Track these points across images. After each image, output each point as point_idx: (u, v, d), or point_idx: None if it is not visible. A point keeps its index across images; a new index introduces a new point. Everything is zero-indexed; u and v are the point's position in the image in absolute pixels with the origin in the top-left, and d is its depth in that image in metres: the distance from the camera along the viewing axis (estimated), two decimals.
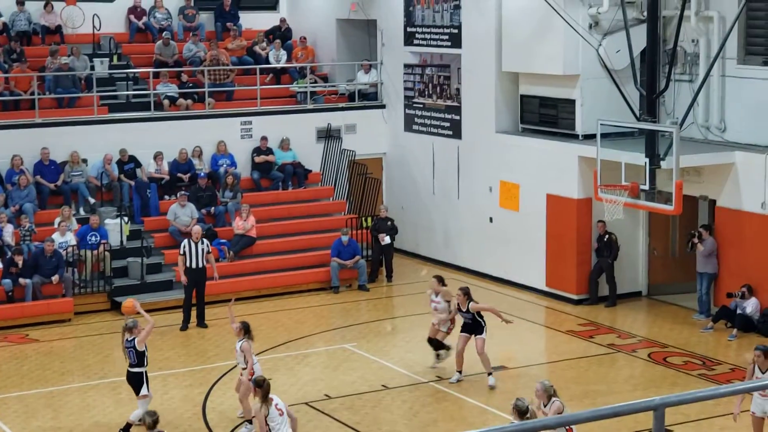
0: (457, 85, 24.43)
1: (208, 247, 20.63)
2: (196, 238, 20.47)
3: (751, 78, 20.27)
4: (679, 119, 20.19)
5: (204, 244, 20.53)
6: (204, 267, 20.48)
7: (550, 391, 12.46)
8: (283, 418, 12.81)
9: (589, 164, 20.76)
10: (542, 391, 12.44)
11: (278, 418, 12.80)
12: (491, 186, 23.59)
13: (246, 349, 15.14)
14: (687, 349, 18.89)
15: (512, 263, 23.09)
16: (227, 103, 25.93)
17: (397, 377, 17.69)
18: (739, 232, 19.97)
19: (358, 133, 26.07)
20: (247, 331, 15.21)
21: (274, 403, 12.83)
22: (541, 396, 12.38)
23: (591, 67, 21.43)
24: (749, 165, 19.70)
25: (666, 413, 5.24)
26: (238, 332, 15.29)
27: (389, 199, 26.16)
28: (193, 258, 20.35)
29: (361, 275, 23.25)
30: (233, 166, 24.59)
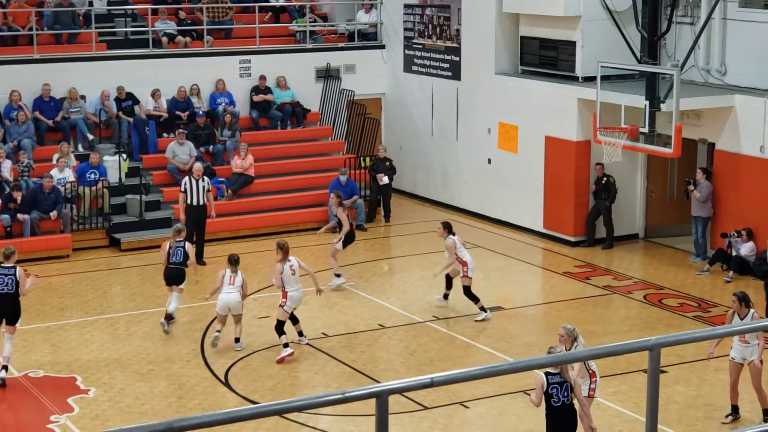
0: (457, 25, 24.29)
1: (208, 185, 20.73)
2: (197, 175, 20.50)
3: (752, 21, 20.17)
4: (679, 62, 20.11)
5: (204, 182, 20.59)
6: (205, 204, 20.55)
7: (574, 334, 12.22)
8: (295, 277, 15.87)
9: (588, 107, 20.72)
10: (566, 335, 12.19)
11: (290, 276, 15.87)
12: (490, 127, 23.56)
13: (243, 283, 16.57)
14: (683, 291, 18.99)
15: (510, 205, 23.13)
16: (226, 41, 25.79)
17: (394, 317, 17.80)
18: (737, 175, 19.99)
19: (357, 73, 25.97)
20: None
21: (290, 263, 15.88)
22: (566, 340, 12.17)
23: (592, 8, 21.31)
24: (749, 108, 19.67)
25: (661, 354, 5.28)
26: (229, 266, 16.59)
27: (388, 140, 26.12)
28: (194, 195, 20.39)
29: (359, 215, 23.29)
30: (232, 105, 24.52)
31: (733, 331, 5.13)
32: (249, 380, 15.24)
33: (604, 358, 13.62)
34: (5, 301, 14.86)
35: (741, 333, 13.11)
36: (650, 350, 5.15)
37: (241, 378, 15.32)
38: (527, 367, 5.35)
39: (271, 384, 15.09)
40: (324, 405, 4.75)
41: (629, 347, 5.34)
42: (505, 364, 5.70)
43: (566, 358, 5.16)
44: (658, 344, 5.18)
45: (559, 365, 11.33)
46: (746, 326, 10.16)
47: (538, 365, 5.06)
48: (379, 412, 4.68)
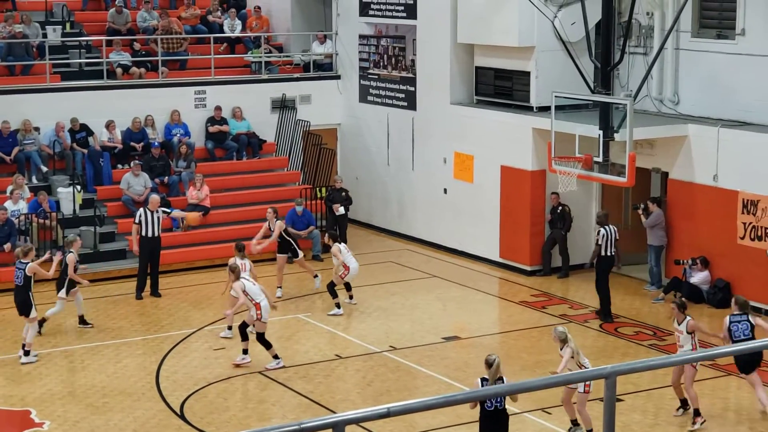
0: (412, 56, 24.40)
1: (166, 211, 20.98)
2: (154, 207, 20.40)
3: (705, 51, 20.43)
4: (633, 92, 20.31)
5: (159, 213, 20.54)
6: (159, 236, 20.43)
7: (562, 336, 13.74)
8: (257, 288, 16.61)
9: (543, 136, 20.86)
10: (555, 338, 13.82)
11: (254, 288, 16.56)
12: (446, 157, 23.64)
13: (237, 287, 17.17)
14: (638, 320, 19.08)
15: (466, 234, 23.19)
16: (181, 72, 25.74)
17: (351, 347, 17.75)
18: (691, 204, 20.18)
19: (312, 104, 25.99)
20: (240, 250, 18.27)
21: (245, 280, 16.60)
22: (556, 341, 13.82)
23: (546, 39, 21.49)
24: (702, 138, 19.89)
25: (617, 382, 5.29)
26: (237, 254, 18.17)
27: (344, 170, 26.13)
28: (149, 227, 20.28)
29: (315, 245, 23.24)
30: (187, 136, 24.44)
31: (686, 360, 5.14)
32: (204, 412, 15.11)
33: (561, 386, 13.65)
34: (16, 293, 17.25)
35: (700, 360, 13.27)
36: (606, 378, 5.16)
37: (196, 411, 15.18)
38: (483, 396, 5.34)
39: (227, 416, 14.97)
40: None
41: (585, 375, 5.35)
42: (461, 393, 5.70)
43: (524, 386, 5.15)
44: (614, 372, 5.20)
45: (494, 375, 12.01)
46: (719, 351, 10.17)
47: (493, 394, 5.03)
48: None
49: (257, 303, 16.41)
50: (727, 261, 19.56)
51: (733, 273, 19.53)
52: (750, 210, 19.15)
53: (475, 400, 13.25)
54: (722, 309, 19.35)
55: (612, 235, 18.89)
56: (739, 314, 14.57)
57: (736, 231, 19.37)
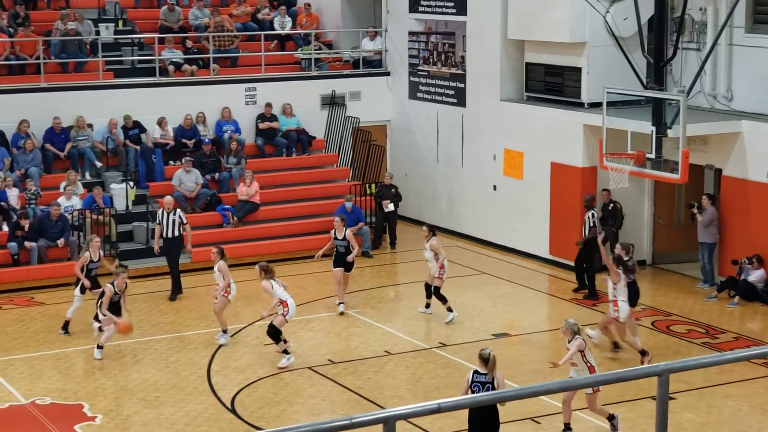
0: (462, 52, 24.35)
1: (182, 218, 20.36)
2: (169, 208, 20.25)
3: (759, 47, 20.19)
4: (686, 88, 20.13)
5: (176, 215, 20.26)
6: (177, 236, 20.27)
7: (574, 328, 13.64)
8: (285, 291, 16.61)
9: (594, 133, 20.73)
10: (566, 329, 13.68)
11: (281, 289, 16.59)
12: (495, 154, 23.57)
13: (223, 268, 17.51)
14: (691, 318, 18.93)
15: (516, 231, 23.11)
16: (232, 69, 25.88)
17: (400, 343, 17.76)
18: (744, 201, 19.96)
19: (362, 101, 26.03)
20: (222, 254, 17.83)
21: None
22: (565, 332, 13.70)
23: (598, 34, 21.35)
24: (756, 134, 19.67)
25: (669, 380, 5.25)
26: (215, 256, 17.66)
27: (393, 166, 26.14)
28: (166, 228, 20.23)
29: (364, 242, 23.28)
30: (237, 132, 24.58)
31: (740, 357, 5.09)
32: (255, 407, 15.19)
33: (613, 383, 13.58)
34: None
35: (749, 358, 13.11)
36: (659, 376, 5.12)
37: (247, 405, 15.27)
38: (534, 393, 5.32)
39: (277, 411, 15.04)
40: (331, 431, 4.73)
41: (638, 373, 5.32)
42: (511, 390, 5.69)
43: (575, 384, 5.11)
44: (667, 370, 5.16)
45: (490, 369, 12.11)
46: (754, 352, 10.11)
47: (545, 391, 5.04)
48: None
49: (284, 301, 16.48)
50: None
51: None
52: None
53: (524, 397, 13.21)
54: None
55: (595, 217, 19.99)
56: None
57: None
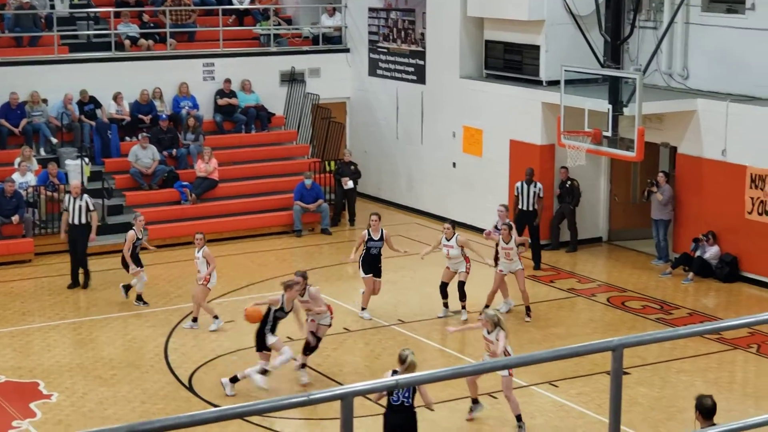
0: (422, 29, 24.33)
1: (89, 205, 19.45)
2: (75, 193, 19.33)
3: (714, 25, 20.33)
4: (642, 66, 20.24)
5: (83, 200, 19.35)
6: (84, 224, 19.33)
7: (494, 319, 13.39)
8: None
9: (552, 110, 20.81)
10: (486, 320, 13.44)
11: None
12: (455, 131, 23.61)
13: (208, 255, 17.07)
14: (646, 294, 19.11)
15: (475, 208, 23.17)
16: (189, 44, 25.69)
17: (359, 320, 17.78)
18: (698, 179, 20.14)
19: (321, 77, 25.95)
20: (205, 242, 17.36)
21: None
22: (486, 324, 13.40)
23: (556, 12, 21.40)
24: (710, 112, 19.83)
25: (624, 355, 5.30)
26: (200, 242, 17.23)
27: (353, 144, 26.11)
28: (73, 214, 19.30)
29: (323, 219, 23.27)
30: (195, 108, 24.43)
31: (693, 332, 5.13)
32: (213, 385, 15.16)
33: (567, 359, 13.69)
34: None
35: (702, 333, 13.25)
36: (613, 351, 5.16)
37: (205, 383, 15.24)
38: (491, 368, 5.36)
39: (236, 388, 15.01)
40: (288, 407, 4.73)
41: (592, 348, 5.35)
42: (469, 366, 5.71)
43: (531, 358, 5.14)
44: (621, 345, 5.20)
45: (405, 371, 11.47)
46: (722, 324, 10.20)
47: (502, 366, 5.08)
48: (344, 414, 4.67)
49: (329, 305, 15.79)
50: (735, 236, 19.55)
51: (740, 248, 19.52)
52: (758, 185, 19.11)
53: (481, 372, 13.29)
54: (730, 283, 19.39)
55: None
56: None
57: (743, 206, 19.35)
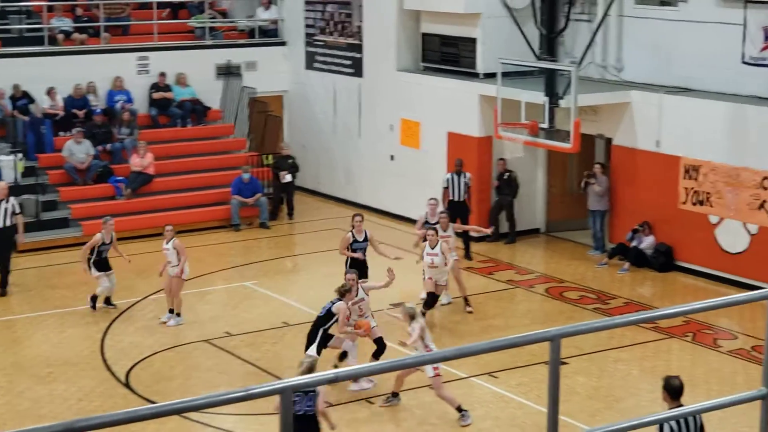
0: (359, 22, 24.29)
1: (14, 207, 18.86)
2: (2, 195, 18.68)
3: (648, 18, 20.55)
4: (577, 58, 20.40)
5: (9, 203, 18.74)
6: (9, 227, 18.70)
7: (411, 312, 13.45)
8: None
9: (489, 103, 20.90)
10: (404, 313, 13.51)
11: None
12: (392, 124, 23.62)
13: (179, 246, 16.87)
14: (583, 284, 19.27)
15: (413, 201, 23.19)
16: (123, 37, 25.43)
17: (298, 314, 17.73)
18: (633, 169, 20.36)
19: (258, 70, 25.81)
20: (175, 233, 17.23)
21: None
22: (404, 317, 13.51)
23: (492, 5, 21.49)
24: (645, 104, 20.04)
25: (562, 345, 5.32)
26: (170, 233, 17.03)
27: (290, 137, 26.02)
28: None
29: (262, 213, 23.17)
30: (130, 102, 24.19)
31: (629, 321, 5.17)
32: (150, 381, 15.04)
33: (506, 349, 13.77)
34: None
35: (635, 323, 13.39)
36: (551, 341, 5.18)
37: (142, 379, 15.11)
38: (431, 360, 5.36)
39: (173, 385, 14.91)
40: (226, 402, 4.69)
41: (530, 338, 5.37)
42: (410, 358, 5.71)
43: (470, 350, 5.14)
44: (559, 335, 5.21)
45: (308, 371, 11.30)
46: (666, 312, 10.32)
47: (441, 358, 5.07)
48: (283, 408, 4.64)
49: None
50: (669, 226, 19.79)
51: (674, 237, 19.76)
52: (691, 175, 19.36)
53: (423, 364, 13.31)
54: (665, 273, 19.63)
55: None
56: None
57: (677, 196, 19.59)
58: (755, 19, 18.77)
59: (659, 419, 5.49)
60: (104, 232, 17.59)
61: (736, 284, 18.54)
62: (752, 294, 5.82)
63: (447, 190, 20.68)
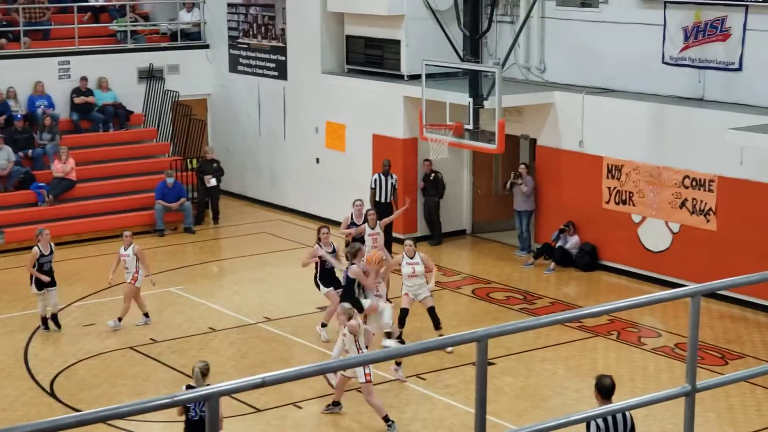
0: (282, 25, 24.21)
1: None
2: None
3: (569, 19, 20.77)
4: (501, 60, 20.54)
5: None
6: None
7: (350, 312, 13.32)
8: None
9: (414, 104, 20.95)
10: (341, 312, 13.44)
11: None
12: (317, 127, 23.58)
13: (139, 252, 16.91)
14: (509, 285, 19.40)
15: (339, 203, 23.16)
16: (44, 42, 25.07)
17: (225, 319, 17.62)
18: (558, 170, 20.55)
19: (181, 74, 25.59)
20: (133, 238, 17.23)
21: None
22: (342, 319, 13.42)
23: (415, 7, 21.55)
24: (567, 104, 20.25)
25: (489, 346, 5.34)
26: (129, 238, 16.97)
27: (215, 141, 25.84)
28: None
29: (186, 217, 22.98)
30: (51, 107, 23.83)
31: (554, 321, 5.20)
32: (75, 389, 14.83)
33: (434, 350, 13.82)
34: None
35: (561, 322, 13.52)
36: (478, 342, 5.19)
37: (66, 388, 14.89)
38: (358, 363, 5.35)
39: (98, 392, 14.72)
40: (152, 410, 4.63)
41: (457, 339, 5.38)
42: (336, 361, 5.68)
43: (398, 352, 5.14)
44: (486, 335, 5.23)
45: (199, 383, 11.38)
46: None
47: (369, 360, 5.07)
48: (209, 414, 4.59)
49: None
50: (593, 225, 20.01)
51: (599, 236, 19.98)
52: (614, 175, 19.60)
53: (349, 367, 13.29)
54: (589, 272, 19.83)
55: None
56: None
57: (601, 196, 19.82)
58: (675, 20, 19.07)
59: (586, 417, 5.52)
60: (41, 244, 16.83)
61: (659, 282, 18.80)
62: (675, 292, 5.90)
63: (374, 191, 20.68)
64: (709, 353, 15.88)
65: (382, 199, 20.63)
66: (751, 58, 18.17)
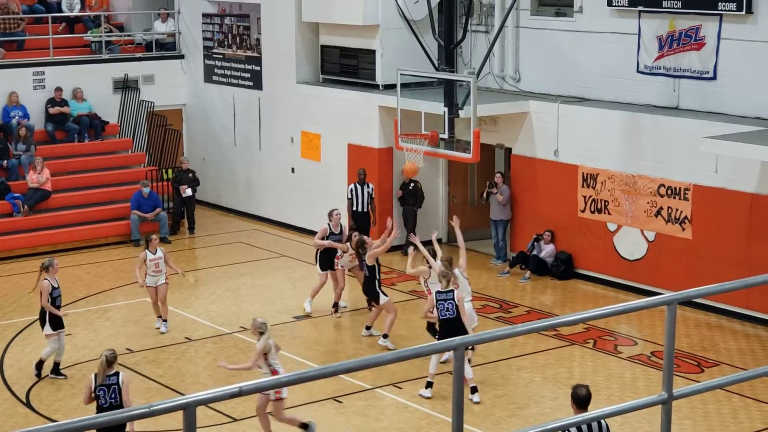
0: (257, 35, 24.21)
1: None
2: None
3: (544, 29, 20.86)
4: (476, 69, 20.60)
5: None
6: None
7: (261, 328, 13.04)
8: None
9: (389, 114, 20.99)
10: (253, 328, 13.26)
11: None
12: (293, 136, 23.58)
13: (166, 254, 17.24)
14: (485, 293, 19.43)
15: (315, 213, 23.17)
16: (18, 52, 24.97)
17: (201, 329, 17.57)
18: (533, 179, 20.62)
19: (156, 84, 25.55)
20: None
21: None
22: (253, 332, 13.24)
23: (390, 17, 21.60)
24: (542, 113, 20.33)
25: (465, 354, 5.37)
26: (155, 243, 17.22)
27: (190, 151, 25.80)
28: None
29: (162, 228, 22.91)
30: (26, 118, 23.73)
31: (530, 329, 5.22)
32: (51, 400, 14.76)
33: (411, 359, 13.83)
34: None
35: (536, 330, 13.57)
36: (455, 350, 5.22)
37: (43, 398, 14.82)
38: (334, 372, 5.35)
39: (75, 403, 14.64)
40: (129, 420, 4.62)
41: (434, 348, 5.41)
42: (312, 370, 5.69)
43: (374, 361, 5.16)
44: (462, 344, 5.26)
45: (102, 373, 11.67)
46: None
47: (345, 370, 5.07)
48: (186, 424, 4.59)
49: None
50: (569, 234, 20.08)
51: (574, 245, 20.06)
52: (589, 183, 19.68)
53: (327, 376, 13.26)
54: (565, 280, 19.89)
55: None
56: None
57: (576, 204, 19.90)
58: (649, 29, 19.19)
59: (562, 425, 5.55)
60: (50, 277, 15.36)
61: (635, 290, 18.88)
62: (651, 300, 5.93)
63: (351, 201, 20.71)
64: (685, 361, 15.95)
65: (359, 208, 20.66)
66: (725, 66, 18.30)
